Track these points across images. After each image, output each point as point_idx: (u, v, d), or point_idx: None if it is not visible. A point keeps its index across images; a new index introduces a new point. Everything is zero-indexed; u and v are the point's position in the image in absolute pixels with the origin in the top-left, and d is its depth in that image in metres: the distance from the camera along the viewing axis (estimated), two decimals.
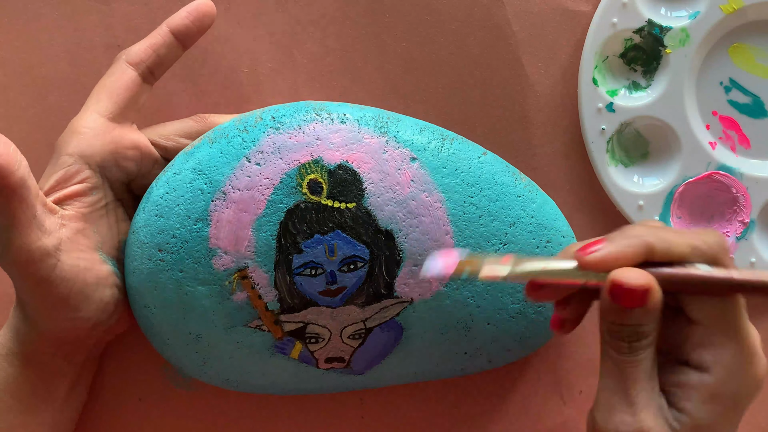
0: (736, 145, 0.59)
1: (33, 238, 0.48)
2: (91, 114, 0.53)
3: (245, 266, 0.51)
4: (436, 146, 0.53)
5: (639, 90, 0.59)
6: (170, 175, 0.52)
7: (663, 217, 0.58)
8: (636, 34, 0.58)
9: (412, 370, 0.56)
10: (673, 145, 0.58)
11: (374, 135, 0.52)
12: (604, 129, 0.58)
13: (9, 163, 0.45)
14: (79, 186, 0.52)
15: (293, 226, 0.51)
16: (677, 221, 0.59)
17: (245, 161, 0.51)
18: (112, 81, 0.53)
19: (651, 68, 0.59)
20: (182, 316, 0.53)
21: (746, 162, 0.59)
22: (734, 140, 0.59)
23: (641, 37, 0.58)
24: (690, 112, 0.58)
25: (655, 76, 0.58)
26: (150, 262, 0.52)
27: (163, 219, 0.52)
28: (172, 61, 0.55)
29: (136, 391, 0.61)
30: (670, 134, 0.58)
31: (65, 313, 0.51)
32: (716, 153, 0.58)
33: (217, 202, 0.51)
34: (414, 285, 0.52)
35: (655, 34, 0.57)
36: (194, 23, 0.54)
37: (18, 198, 0.46)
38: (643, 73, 0.59)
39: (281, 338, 0.53)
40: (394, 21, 0.59)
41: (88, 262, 0.51)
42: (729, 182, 0.58)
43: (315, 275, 0.51)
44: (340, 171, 0.51)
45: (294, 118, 0.52)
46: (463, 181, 0.52)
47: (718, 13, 0.57)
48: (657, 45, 0.58)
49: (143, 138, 0.54)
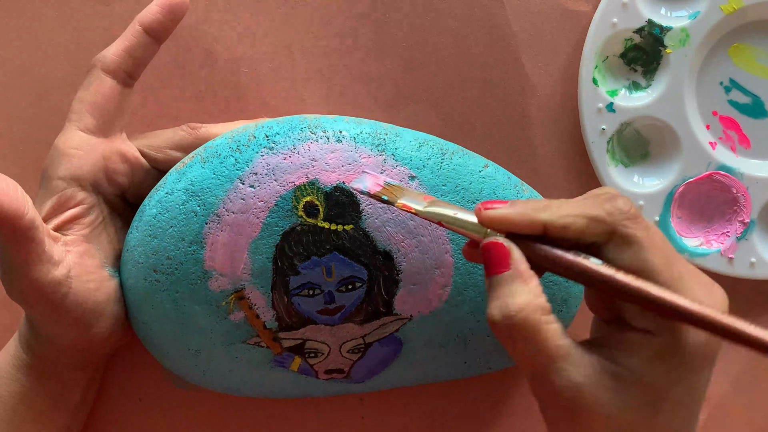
0: (736, 145, 0.59)
1: (44, 272, 0.47)
2: (76, 132, 0.51)
3: (242, 287, 0.50)
4: (436, 162, 0.51)
5: (639, 90, 0.58)
6: (162, 194, 0.51)
7: (663, 217, 0.58)
8: (636, 34, 0.57)
9: (412, 377, 0.56)
10: (673, 145, 0.58)
11: (371, 154, 0.50)
12: (604, 129, 0.57)
13: (18, 207, 0.44)
14: (76, 209, 0.51)
15: (290, 248, 0.50)
16: (677, 221, 0.58)
17: (239, 183, 0.50)
18: (92, 94, 0.51)
19: (651, 68, 0.58)
20: (180, 333, 0.52)
21: (746, 162, 0.59)
22: (734, 140, 0.59)
23: (641, 37, 0.57)
24: (690, 112, 0.58)
25: (656, 76, 0.58)
26: (146, 282, 0.51)
27: (157, 240, 0.51)
28: (149, 59, 0.52)
29: (136, 391, 0.61)
30: (670, 134, 0.58)
31: (80, 332, 0.51)
32: (716, 153, 0.58)
33: (211, 225, 0.50)
34: (413, 303, 0.52)
35: (655, 34, 0.57)
36: (167, 16, 0.51)
37: (28, 239, 0.46)
38: (643, 73, 0.58)
39: (280, 353, 0.53)
40: (394, 21, 0.58)
41: (96, 282, 0.51)
42: (729, 182, 0.58)
43: (313, 295, 0.51)
44: (336, 193, 0.50)
45: (288, 137, 0.50)
46: (464, 197, 0.51)
47: (719, 13, 0.56)
48: (657, 45, 0.57)
49: (132, 149, 0.53)
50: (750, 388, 0.61)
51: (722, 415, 0.61)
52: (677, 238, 0.58)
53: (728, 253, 0.58)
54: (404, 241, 0.50)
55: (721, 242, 0.58)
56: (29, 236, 0.46)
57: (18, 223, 0.45)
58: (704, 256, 0.58)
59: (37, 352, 0.53)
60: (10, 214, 0.44)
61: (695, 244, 0.58)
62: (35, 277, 0.47)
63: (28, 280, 0.47)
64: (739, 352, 0.60)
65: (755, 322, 0.59)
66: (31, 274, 0.47)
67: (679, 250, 0.58)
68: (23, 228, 0.45)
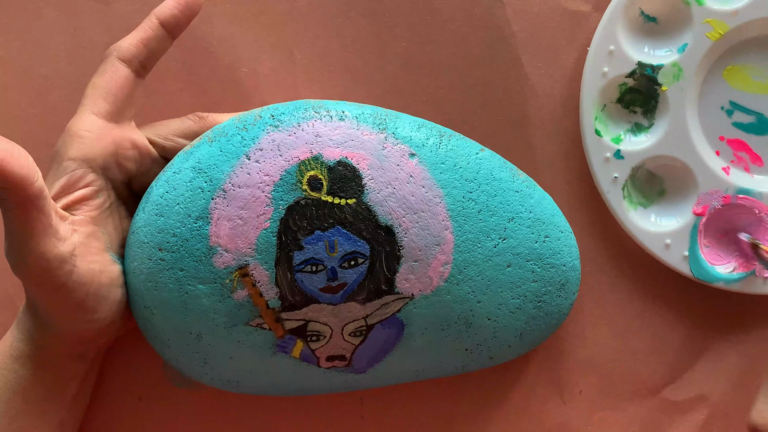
0: (749, 165, 0.58)
1: (50, 247, 0.48)
2: (89, 116, 0.52)
3: (246, 264, 0.51)
4: (435, 142, 0.53)
5: (642, 131, 0.58)
6: (170, 174, 0.52)
7: (692, 250, 0.57)
8: (629, 78, 0.57)
9: (413, 368, 0.56)
10: (687, 179, 0.58)
11: (373, 131, 0.52)
12: (616, 177, 0.57)
13: (28, 174, 0.45)
14: (85, 190, 0.52)
15: (294, 222, 0.51)
16: (706, 251, 0.58)
17: (245, 159, 0.51)
18: (106, 80, 0.53)
19: (650, 107, 0.58)
20: (183, 316, 0.53)
21: (763, 180, 0.58)
22: (746, 161, 0.58)
23: (635, 79, 0.57)
24: (697, 142, 0.57)
25: (656, 114, 0.58)
26: (150, 262, 0.52)
27: (163, 218, 0.52)
28: (163, 53, 0.54)
29: (136, 391, 0.61)
30: (683, 168, 0.57)
31: (82, 316, 0.51)
32: (731, 177, 0.57)
33: (217, 200, 0.51)
34: (414, 281, 0.52)
35: (647, 74, 0.57)
36: (182, 12, 0.54)
37: (36, 208, 0.46)
38: (643, 113, 0.58)
39: (282, 336, 0.53)
40: (394, 21, 0.59)
41: (101, 264, 0.51)
42: (750, 204, 0.57)
43: (316, 272, 0.51)
44: (339, 167, 0.51)
45: (293, 116, 0.52)
46: (462, 176, 0.53)
47: (706, 41, 0.56)
48: (652, 84, 0.57)
49: (141, 137, 0.54)
50: (750, 388, 0.61)
51: (722, 415, 0.61)
52: (709, 268, 0.57)
53: (763, 274, 0.57)
54: (405, 216, 0.51)
55: (754, 264, 0.58)
56: (37, 205, 0.46)
57: (28, 190, 0.45)
58: (739, 280, 0.57)
59: (36, 341, 0.53)
60: (21, 179, 0.44)
61: (728, 271, 0.58)
62: (41, 249, 0.47)
63: (35, 253, 0.47)
64: (738, 352, 0.60)
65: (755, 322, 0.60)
66: (37, 246, 0.47)
67: (712, 279, 0.57)
68: (32, 196, 0.45)
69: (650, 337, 0.60)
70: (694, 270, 0.57)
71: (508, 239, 0.53)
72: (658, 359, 0.60)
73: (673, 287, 0.60)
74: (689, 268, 0.57)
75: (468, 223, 0.52)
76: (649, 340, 0.60)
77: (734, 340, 0.60)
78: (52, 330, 0.52)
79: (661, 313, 0.60)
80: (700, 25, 0.56)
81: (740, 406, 0.61)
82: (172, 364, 0.56)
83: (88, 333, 0.53)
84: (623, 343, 0.60)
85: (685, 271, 0.58)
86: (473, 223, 0.52)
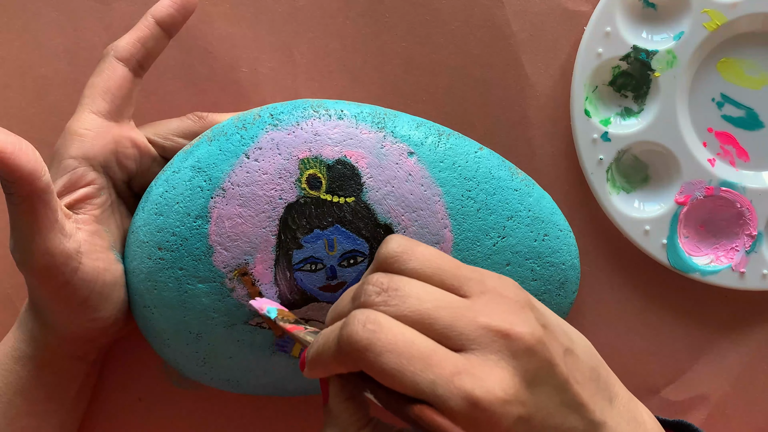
0: (735, 159, 0.58)
1: (56, 242, 0.48)
2: (89, 114, 0.52)
3: (245, 263, 0.51)
4: (433, 141, 0.53)
5: (632, 116, 0.58)
6: (169, 173, 0.52)
7: (670, 239, 0.58)
8: (623, 61, 0.57)
9: None
10: (672, 167, 0.58)
11: (371, 130, 0.52)
12: (601, 159, 0.57)
13: (36, 168, 0.45)
14: (87, 189, 0.52)
15: (293, 221, 0.51)
16: (685, 241, 0.58)
17: (244, 158, 0.51)
18: (105, 79, 0.53)
19: (641, 93, 0.58)
20: (182, 315, 0.53)
21: (747, 175, 0.58)
22: (733, 154, 0.58)
23: (628, 63, 0.57)
24: (685, 131, 0.57)
25: (647, 100, 0.58)
26: (150, 261, 0.52)
27: (163, 217, 0.52)
28: (160, 52, 0.54)
29: (136, 391, 0.61)
30: (668, 156, 0.58)
31: (85, 314, 0.51)
32: (716, 169, 0.58)
33: (216, 199, 0.51)
34: None
35: (641, 59, 0.57)
36: (178, 11, 0.54)
37: (43, 203, 0.46)
38: (634, 99, 0.58)
39: (282, 336, 0.53)
40: (394, 21, 0.59)
41: (105, 262, 0.52)
42: (732, 197, 0.57)
43: (315, 270, 0.51)
44: (338, 166, 0.51)
45: (292, 115, 0.52)
46: (461, 175, 0.53)
47: (703, 31, 0.56)
48: (645, 69, 0.57)
49: (141, 136, 0.54)
50: (750, 388, 0.61)
51: (722, 415, 0.61)
52: (687, 258, 0.58)
53: (739, 268, 0.58)
54: (404, 215, 0.51)
55: (731, 257, 0.58)
56: (44, 200, 0.46)
57: (35, 184, 0.45)
58: (715, 273, 0.58)
59: (38, 340, 0.53)
60: (29, 172, 0.45)
61: (705, 262, 0.58)
62: (47, 245, 0.47)
63: (41, 249, 0.47)
64: (738, 352, 0.60)
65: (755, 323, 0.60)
66: (43, 241, 0.47)
67: (689, 269, 0.58)
68: (39, 190, 0.46)
69: (650, 337, 0.60)
70: (671, 259, 0.58)
71: (507, 238, 0.53)
72: (657, 359, 0.60)
73: (673, 287, 0.60)
74: (666, 256, 0.58)
75: (467, 221, 0.52)
76: (649, 340, 0.60)
77: (734, 340, 0.60)
78: (54, 330, 0.52)
79: (661, 313, 0.60)
80: (698, 14, 0.56)
81: (740, 406, 0.61)
82: (171, 364, 0.56)
83: (90, 332, 0.53)
84: (623, 343, 0.60)
85: (662, 259, 0.58)
86: (472, 221, 0.52)
